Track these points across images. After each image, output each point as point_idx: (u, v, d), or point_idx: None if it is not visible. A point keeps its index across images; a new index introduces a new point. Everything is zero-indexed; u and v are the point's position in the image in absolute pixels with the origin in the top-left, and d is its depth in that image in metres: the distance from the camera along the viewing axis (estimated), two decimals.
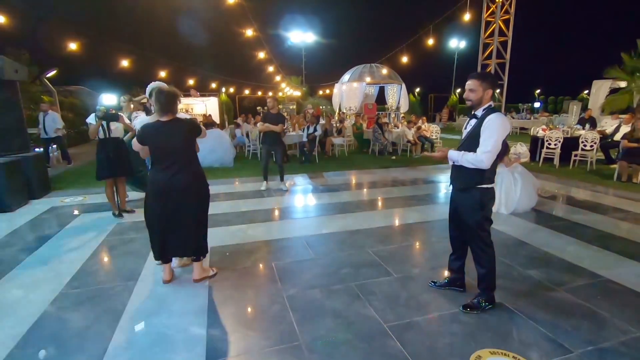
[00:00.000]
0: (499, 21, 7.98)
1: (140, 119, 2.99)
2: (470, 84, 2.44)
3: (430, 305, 2.72)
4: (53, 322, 2.53)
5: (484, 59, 8.47)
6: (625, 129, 8.38)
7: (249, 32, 12.52)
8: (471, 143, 2.42)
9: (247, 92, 23.54)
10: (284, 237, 4.13)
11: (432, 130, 11.44)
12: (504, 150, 2.84)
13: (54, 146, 9.52)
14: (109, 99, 4.38)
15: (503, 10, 7.95)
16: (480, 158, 2.34)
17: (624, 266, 3.33)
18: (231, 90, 22.59)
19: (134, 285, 3.04)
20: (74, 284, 3.06)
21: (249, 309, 2.69)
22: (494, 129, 2.31)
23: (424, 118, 11.96)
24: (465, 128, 2.59)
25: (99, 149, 4.55)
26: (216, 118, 15.97)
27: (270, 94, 20.16)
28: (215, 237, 4.05)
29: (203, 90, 18.66)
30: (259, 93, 24.89)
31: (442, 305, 2.71)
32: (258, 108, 15.19)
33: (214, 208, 5.18)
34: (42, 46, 13.94)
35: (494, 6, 8.03)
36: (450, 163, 2.58)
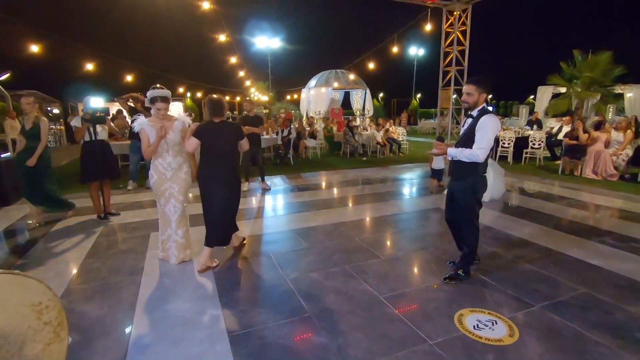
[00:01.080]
0: (457, 32, 8.74)
1: (140, 121, 3.16)
2: (467, 88, 2.78)
3: (416, 279, 3.12)
4: (68, 313, 2.61)
5: (444, 67, 9.21)
6: (566, 129, 9.47)
7: (219, 37, 12.57)
8: (467, 140, 2.78)
9: (214, 97, 23.30)
10: (275, 231, 4.39)
11: (399, 132, 12.13)
12: (495, 145, 3.36)
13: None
14: (95, 101, 4.42)
15: (460, 22, 8.73)
16: (476, 153, 2.70)
17: (570, 241, 3.95)
18: (198, 95, 22.26)
19: (139, 278, 3.17)
20: (78, 281, 3.14)
21: (257, 292, 2.94)
22: (487, 128, 2.68)
23: (392, 121, 12.63)
24: (463, 126, 2.98)
25: (84, 152, 4.55)
26: None
27: (247, 98, 20.14)
28: None
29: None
30: (227, 98, 24.75)
31: (426, 278, 3.12)
32: (228, 113, 15.16)
33: (198, 208, 5.33)
34: None
35: (452, 18, 8.79)
36: (449, 159, 2.96)
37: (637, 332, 2.36)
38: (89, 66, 11.80)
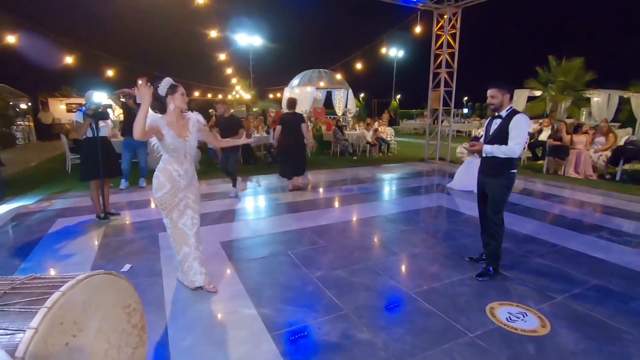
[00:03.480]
0: (447, 35, 8.99)
1: (153, 118, 2.67)
2: (491, 92, 2.98)
3: (440, 274, 3.20)
4: None
5: (435, 68, 9.45)
6: (547, 130, 9.96)
7: (206, 33, 12.29)
8: (500, 138, 2.95)
9: (197, 94, 22.77)
10: (288, 230, 4.36)
11: (387, 132, 12.32)
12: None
13: None
14: (98, 96, 4.22)
15: (450, 25, 8.98)
16: (514, 149, 2.88)
17: (571, 236, 4.17)
18: None
19: (160, 280, 3.07)
20: None
21: (287, 290, 2.92)
22: (523, 126, 2.88)
23: (381, 121, 12.81)
24: (489, 126, 3.14)
25: (84, 148, 4.35)
26: None
27: (219, 96, 19.74)
28: (222, 233, 4.17)
29: None
30: (209, 95, 24.20)
31: (450, 274, 3.21)
32: (210, 111, 14.80)
33: (203, 208, 5.21)
34: None
35: (442, 21, 9.03)
36: (484, 155, 3.06)
37: None
38: (68, 59, 11.19)
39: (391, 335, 2.32)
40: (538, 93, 15.60)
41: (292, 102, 6.37)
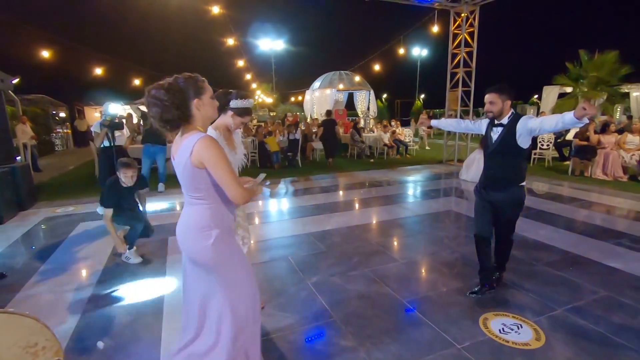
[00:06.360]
0: (465, 34, 8.76)
1: (211, 133, 2.30)
2: (489, 97, 2.66)
3: (436, 282, 3.15)
4: (97, 318, 2.68)
5: (452, 68, 9.23)
6: (574, 129, 9.45)
7: (226, 40, 12.65)
8: (504, 147, 2.65)
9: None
10: (291, 234, 4.43)
11: (405, 134, 12.15)
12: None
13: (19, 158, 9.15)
14: (114, 108, 4.48)
15: (468, 23, 8.75)
16: (561, 118, 2.34)
17: (587, 244, 3.96)
18: None
19: (163, 281, 3.21)
20: (103, 286, 3.18)
21: (280, 296, 2.97)
22: (535, 119, 2.55)
23: (398, 122, 12.65)
24: (490, 133, 2.76)
25: (102, 158, 4.62)
26: None
27: None
28: None
29: None
30: None
31: (447, 282, 3.15)
32: None
33: None
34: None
35: (459, 19, 8.81)
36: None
37: None
38: (98, 70, 11.88)
39: (376, 345, 2.31)
40: (569, 89, 14.85)
41: (328, 112, 11.09)
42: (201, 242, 1.58)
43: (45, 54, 9.93)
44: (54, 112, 19.04)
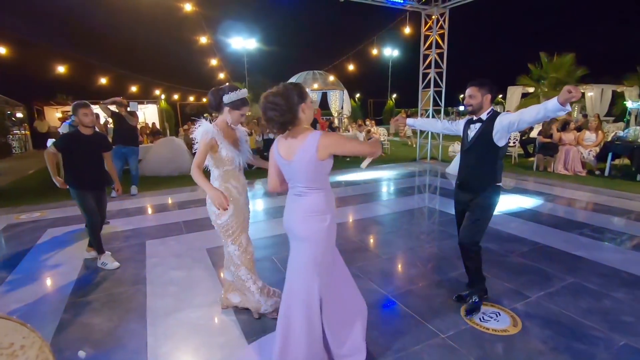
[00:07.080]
0: (436, 35, 9.05)
1: (206, 128, 2.30)
2: (469, 91, 2.57)
3: (419, 277, 3.25)
4: (77, 327, 2.57)
5: (424, 69, 9.51)
6: (537, 127, 10.00)
7: (198, 38, 12.36)
8: (480, 145, 2.56)
9: (191, 98, 22.84)
10: (272, 235, 4.41)
11: (380, 132, 12.37)
12: None
13: None
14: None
15: (438, 25, 9.04)
16: (543, 106, 2.27)
17: (554, 235, 4.22)
18: (175, 97, 21.73)
19: (144, 288, 3.12)
20: (80, 293, 3.05)
21: None
22: (512, 114, 2.47)
23: (373, 122, 12.87)
24: (467, 131, 2.66)
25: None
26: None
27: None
28: (209, 239, 4.21)
29: (146, 97, 17.74)
30: (204, 100, 24.28)
31: (428, 277, 3.26)
32: (205, 115, 14.87)
33: (190, 214, 5.26)
34: None
35: (430, 21, 9.09)
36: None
37: (623, 315, 2.58)
38: (60, 68, 11.26)
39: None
40: (531, 89, 15.68)
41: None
42: (318, 225, 1.90)
43: (1, 50, 9.28)
44: (9, 112, 17.86)
